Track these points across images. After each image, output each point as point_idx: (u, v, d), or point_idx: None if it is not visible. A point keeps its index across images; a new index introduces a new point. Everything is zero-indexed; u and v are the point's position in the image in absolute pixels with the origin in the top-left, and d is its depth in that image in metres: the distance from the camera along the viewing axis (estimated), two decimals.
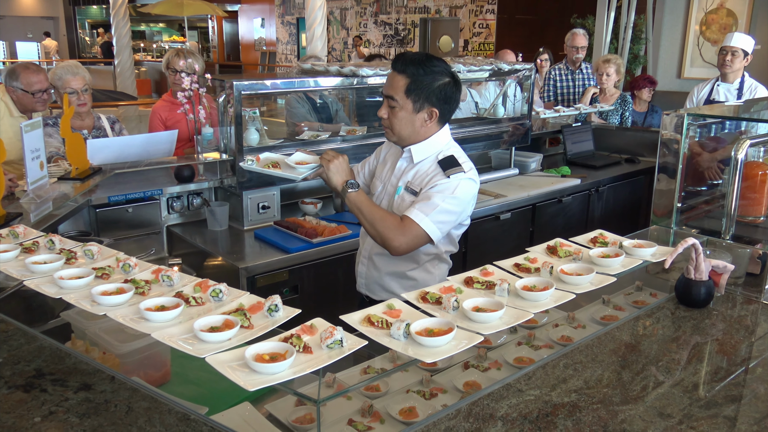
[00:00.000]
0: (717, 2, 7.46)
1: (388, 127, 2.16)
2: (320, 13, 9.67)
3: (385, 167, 2.34)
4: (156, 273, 1.71)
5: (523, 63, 4.26)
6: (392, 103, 2.10)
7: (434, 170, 2.16)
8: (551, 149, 5.01)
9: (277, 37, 17.60)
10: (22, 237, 1.97)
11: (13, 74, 3.42)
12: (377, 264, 2.30)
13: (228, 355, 1.33)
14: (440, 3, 13.06)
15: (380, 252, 2.26)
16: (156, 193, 3.02)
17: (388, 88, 2.12)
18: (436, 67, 2.09)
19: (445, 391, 1.69)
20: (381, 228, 2.06)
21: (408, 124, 2.12)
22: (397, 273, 2.27)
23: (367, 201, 2.11)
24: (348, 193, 2.08)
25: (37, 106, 3.47)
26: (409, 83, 2.07)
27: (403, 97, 2.08)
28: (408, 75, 2.07)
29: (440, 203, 2.07)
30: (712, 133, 2.99)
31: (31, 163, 2.58)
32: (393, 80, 2.10)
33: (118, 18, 13.24)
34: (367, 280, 2.35)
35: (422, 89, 2.07)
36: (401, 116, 2.11)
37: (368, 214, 2.08)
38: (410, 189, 2.19)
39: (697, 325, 1.85)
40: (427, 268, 2.27)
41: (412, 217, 2.06)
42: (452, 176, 2.11)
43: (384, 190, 2.30)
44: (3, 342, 1.61)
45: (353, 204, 2.09)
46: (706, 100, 4.63)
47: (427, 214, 2.06)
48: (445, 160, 2.16)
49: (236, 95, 2.89)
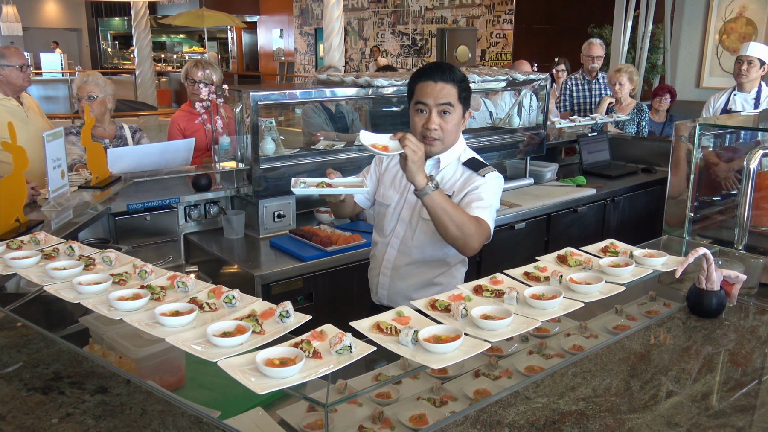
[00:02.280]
0: (736, 11, 7.41)
1: (439, 138, 2.15)
2: (338, 23, 9.76)
3: (397, 176, 2.32)
4: (171, 279, 1.75)
5: (539, 73, 4.28)
6: (448, 110, 2.13)
7: (463, 172, 2.21)
8: (567, 159, 5.00)
9: (295, 48, 17.76)
10: (42, 244, 2.02)
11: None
12: (404, 274, 2.29)
13: (239, 359, 1.36)
14: (457, 13, 13.12)
15: (409, 262, 2.26)
16: (174, 202, 3.08)
17: (441, 98, 2.11)
18: (462, 72, 2.19)
19: (456, 399, 1.70)
20: (468, 230, 2.02)
21: (456, 129, 2.20)
22: (425, 280, 2.28)
23: (449, 201, 2.03)
24: (432, 192, 1.96)
25: (25, 82, 3.63)
26: (459, 90, 2.14)
27: (458, 103, 2.16)
28: (455, 82, 2.14)
29: (492, 201, 2.15)
30: (726, 142, 2.98)
31: (52, 172, 2.64)
32: (443, 90, 2.12)
33: (140, 29, 13.47)
34: (391, 291, 2.33)
35: (468, 93, 2.19)
36: (455, 123, 2.17)
37: (456, 216, 1.99)
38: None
39: (709, 335, 1.85)
40: (452, 273, 2.31)
41: (482, 217, 2.09)
42: (487, 175, 2.19)
43: (403, 200, 2.28)
44: (23, 345, 1.65)
45: (438, 204, 1.97)
46: (723, 109, 4.61)
47: (489, 212, 2.13)
48: (470, 161, 2.23)
49: (253, 105, 2.93)
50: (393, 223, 2.31)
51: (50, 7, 19.87)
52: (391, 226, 2.31)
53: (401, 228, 2.29)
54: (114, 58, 22.33)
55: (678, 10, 7.78)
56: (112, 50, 22.67)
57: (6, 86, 3.54)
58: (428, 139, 2.14)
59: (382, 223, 2.35)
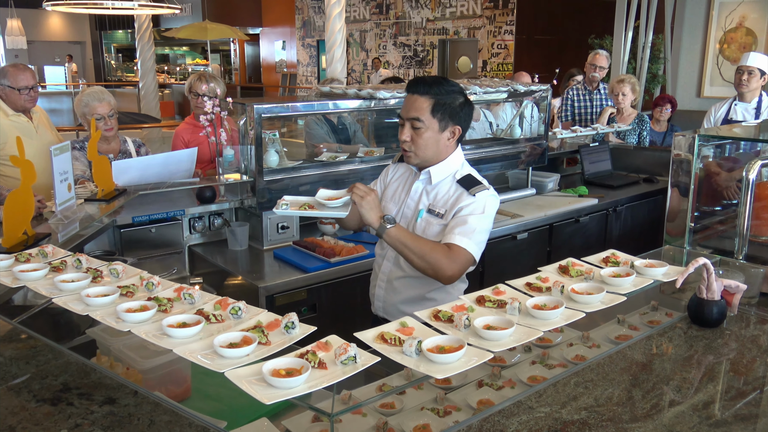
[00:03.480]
0: (736, 21, 7.46)
1: (411, 151, 2.17)
2: (340, 35, 9.82)
3: (397, 190, 2.35)
4: (178, 291, 1.77)
5: (540, 84, 4.31)
6: (417, 125, 2.12)
7: (456, 190, 2.19)
8: (569, 169, 5.03)
9: (297, 59, 17.87)
10: (50, 256, 2.05)
11: (1, 73, 3.58)
12: (397, 288, 2.31)
13: (246, 370, 1.38)
14: (459, 24, 13.20)
15: (402, 275, 2.27)
16: (178, 214, 3.10)
17: (411, 111, 2.13)
18: (453, 87, 2.16)
19: (459, 409, 1.72)
20: (432, 260, 2.05)
21: (433, 145, 2.16)
22: (418, 295, 2.28)
23: (409, 234, 2.08)
24: (387, 229, 2.04)
25: (26, 104, 3.60)
26: (434, 103, 2.11)
27: (430, 117, 2.12)
28: (431, 95, 2.11)
29: (477, 225, 2.11)
30: (727, 153, 3.00)
31: (59, 185, 2.67)
32: (416, 102, 2.12)
33: (143, 42, 13.58)
34: (385, 304, 2.36)
35: (446, 108, 2.13)
36: (427, 137, 2.14)
37: (416, 247, 2.05)
38: (434, 212, 2.21)
39: (710, 345, 1.86)
40: (447, 290, 2.29)
41: (458, 244, 2.08)
42: (477, 194, 2.16)
43: (400, 213, 2.30)
44: (32, 357, 1.68)
45: (396, 239, 2.05)
46: (724, 119, 4.63)
47: (470, 238, 2.09)
48: (465, 179, 2.21)
49: (256, 118, 2.97)
50: None
51: (54, 20, 20.02)
52: None
53: None
54: (117, 71, 22.49)
55: (678, 20, 7.83)
56: (116, 63, 22.83)
57: (10, 104, 3.58)
58: (405, 151, 2.19)
59: None
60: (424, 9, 13.90)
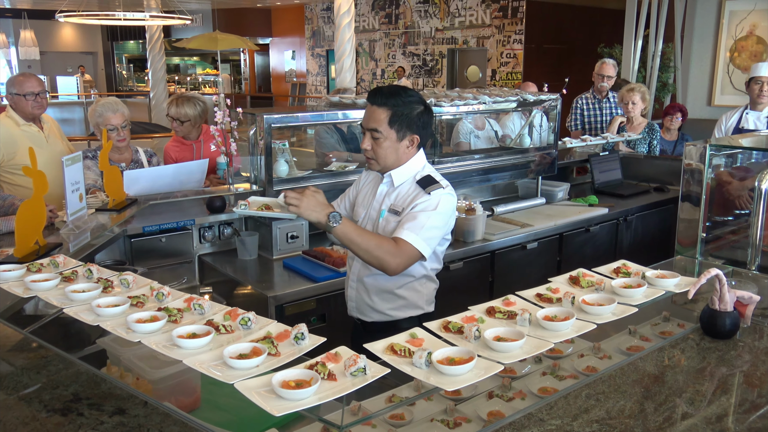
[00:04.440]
0: (747, 30, 7.43)
1: (372, 158, 2.27)
2: (349, 45, 9.86)
3: (366, 194, 2.45)
4: (188, 302, 1.78)
5: (549, 93, 4.30)
6: (376, 135, 2.21)
7: (414, 190, 2.27)
8: (578, 178, 5.01)
9: (307, 69, 17.95)
10: (61, 266, 2.06)
11: (9, 82, 3.64)
12: (366, 285, 2.37)
13: (255, 381, 1.38)
14: (468, 34, 13.22)
15: (369, 273, 2.33)
16: (188, 224, 3.11)
17: (369, 122, 2.22)
18: (411, 97, 2.23)
19: (469, 421, 1.70)
20: (377, 253, 2.10)
21: (392, 153, 2.25)
22: (386, 291, 2.34)
23: (356, 230, 2.12)
24: (333, 227, 2.06)
25: (34, 110, 3.64)
26: (391, 115, 2.19)
27: (387, 128, 2.20)
28: (389, 107, 2.19)
29: (426, 221, 2.16)
30: (738, 162, 2.98)
31: (71, 195, 2.69)
32: (374, 114, 2.21)
33: (154, 52, 13.69)
34: (358, 303, 2.42)
35: (403, 119, 2.21)
36: (386, 146, 2.23)
37: (361, 242, 2.09)
38: (393, 210, 2.29)
39: (723, 357, 1.84)
40: (415, 287, 2.35)
41: (404, 238, 2.13)
42: (432, 192, 2.22)
43: (367, 215, 2.39)
44: (42, 367, 1.68)
45: (342, 236, 2.08)
46: (735, 128, 4.61)
47: (417, 233, 2.14)
48: (424, 179, 2.28)
49: (266, 128, 2.98)
50: None
51: (67, 31, 20.23)
52: None
53: None
54: (129, 81, 22.66)
55: (688, 28, 7.81)
56: (127, 73, 23.01)
57: (20, 112, 3.62)
58: (367, 159, 2.29)
59: None
60: (433, 18, 13.94)
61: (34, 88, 3.61)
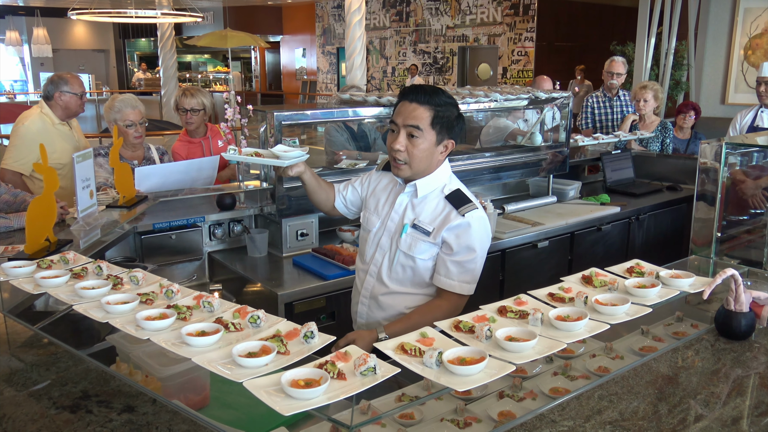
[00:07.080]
0: (761, 27, 7.35)
1: (404, 162, 2.08)
2: (360, 43, 9.84)
3: (380, 201, 2.27)
4: (197, 299, 1.77)
5: (561, 90, 4.27)
6: (416, 133, 2.04)
7: (444, 207, 2.12)
8: (590, 177, 4.97)
9: (317, 67, 17.95)
10: (72, 263, 2.06)
11: (61, 81, 3.67)
12: (382, 305, 2.22)
13: (265, 380, 1.37)
14: (479, 32, 13.17)
15: (386, 292, 2.21)
16: (198, 221, 3.11)
17: (409, 119, 2.04)
18: (450, 99, 2.09)
19: (480, 421, 1.69)
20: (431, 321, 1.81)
21: (427, 156, 2.08)
22: (402, 310, 2.20)
23: (402, 324, 2.02)
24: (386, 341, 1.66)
25: (79, 109, 3.75)
26: (434, 115, 2.04)
27: (429, 128, 2.04)
28: (432, 106, 2.04)
29: (476, 265, 2.12)
30: (754, 161, 2.95)
31: (81, 192, 2.69)
32: (414, 111, 2.04)
33: (166, 50, 13.72)
34: (369, 320, 2.27)
35: (444, 121, 2.06)
36: (423, 148, 2.06)
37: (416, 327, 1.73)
38: (421, 228, 2.13)
39: (738, 358, 1.81)
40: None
41: (457, 292, 2.09)
42: (467, 214, 2.09)
43: (383, 227, 2.23)
44: (52, 364, 1.68)
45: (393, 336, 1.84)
46: (750, 126, 4.55)
47: (469, 283, 2.11)
48: (453, 195, 2.13)
49: (276, 125, 2.97)
50: (372, 249, 2.25)
51: (79, 29, 20.32)
52: (371, 252, 2.25)
53: (380, 255, 2.22)
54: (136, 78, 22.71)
55: (702, 26, 7.74)
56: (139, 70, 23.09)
57: (62, 111, 3.65)
58: (396, 161, 2.10)
59: (363, 248, 2.30)
60: (444, 16, 13.89)
61: (82, 88, 3.74)
